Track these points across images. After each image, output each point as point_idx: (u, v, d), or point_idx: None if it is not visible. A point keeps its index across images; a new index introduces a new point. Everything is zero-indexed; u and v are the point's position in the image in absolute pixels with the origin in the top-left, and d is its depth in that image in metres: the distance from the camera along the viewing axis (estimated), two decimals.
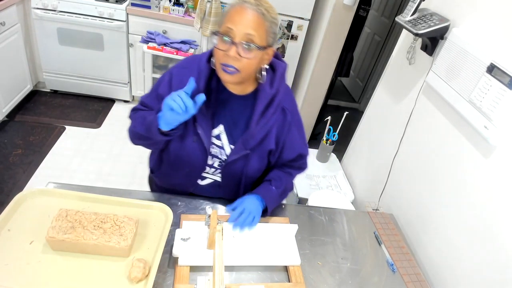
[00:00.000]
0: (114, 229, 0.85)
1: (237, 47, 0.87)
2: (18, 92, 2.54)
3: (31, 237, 0.85)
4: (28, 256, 0.81)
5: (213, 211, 0.88)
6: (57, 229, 0.82)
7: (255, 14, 0.86)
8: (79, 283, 0.78)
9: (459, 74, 1.08)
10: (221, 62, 0.89)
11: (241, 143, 1.01)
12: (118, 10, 2.45)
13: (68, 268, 0.81)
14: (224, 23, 0.88)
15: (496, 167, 0.95)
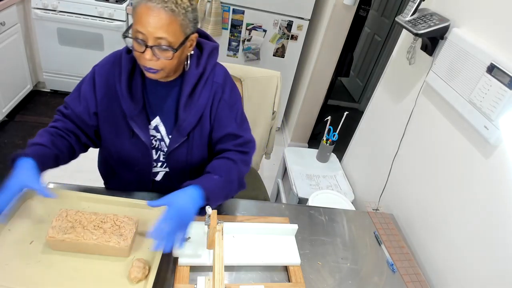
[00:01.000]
0: (114, 229, 0.85)
1: (152, 50, 0.82)
2: (18, 92, 2.54)
3: (31, 237, 0.85)
4: (28, 256, 0.81)
5: (213, 211, 0.88)
6: (57, 229, 0.82)
7: (163, 13, 0.79)
8: (79, 283, 0.78)
9: (459, 74, 1.08)
10: (141, 63, 0.87)
11: (176, 131, 0.97)
12: (118, 10, 2.45)
13: (68, 268, 0.81)
14: (134, 24, 0.82)
15: (496, 167, 0.95)
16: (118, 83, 0.94)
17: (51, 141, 0.94)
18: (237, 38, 2.54)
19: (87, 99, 0.97)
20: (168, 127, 1.00)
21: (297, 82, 2.84)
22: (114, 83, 0.95)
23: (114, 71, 0.95)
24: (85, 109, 0.98)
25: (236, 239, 1.00)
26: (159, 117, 0.99)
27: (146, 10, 0.79)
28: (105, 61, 0.99)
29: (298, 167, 1.80)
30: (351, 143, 1.87)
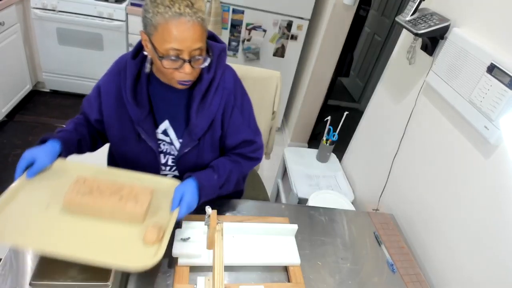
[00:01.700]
0: (130, 196, 0.86)
1: (190, 63, 0.83)
2: (18, 92, 2.54)
3: (48, 201, 0.86)
4: (44, 220, 0.82)
5: (213, 211, 0.88)
6: (75, 192, 0.83)
7: (197, 25, 0.80)
8: (94, 246, 0.79)
9: (459, 74, 1.08)
10: (176, 79, 0.86)
11: (187, 135, 0.98)
12: (117, 10, 2.45)
13: (84, 231, 0.81)
14: (165, 43, 0.79)
15: (496, 167, 0.95)
16: (124, 89, 0.94)
17: (74, 128, 1.01)
18: (237, 38, 2.54)
19: (92, 106, 1.02)
20: (178, 131, 1.00)
21: (297, 82, 2.84)
22: (119, 90, 0.96)
23: (120, 78, 0.96)
24: (91, 115, 1.03)
25: (236, 239, 1.00)
26: (168, 121, 0.99)
27: (179, 25, 0.78)
28: (110, 70, 1.02)
29: (298, 167, 1.80)
30: (351, 143, 1.87)
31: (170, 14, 0.77)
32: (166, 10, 0.77)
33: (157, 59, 0.84)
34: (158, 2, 0.79)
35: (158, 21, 0.79)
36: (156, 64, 0.89)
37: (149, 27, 0.81)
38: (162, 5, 0.78)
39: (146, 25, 0.83)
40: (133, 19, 2.50)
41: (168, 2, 0.78)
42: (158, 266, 0.91)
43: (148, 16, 0.80)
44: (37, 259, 0.83)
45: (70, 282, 0.79)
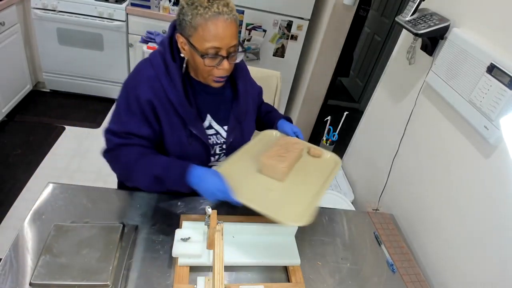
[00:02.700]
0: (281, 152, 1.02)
1: (228, 59, 0.87)
2: (18, 92, 2.54)
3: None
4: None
5: (213, 211, 0.88)
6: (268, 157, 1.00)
7: (233, 22, 0.84)
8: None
9: (459, 74, 1.08)
10: (214, 75, 0.91)
11: (234, 120, 1.05)
12: (117, 10, 2.45)
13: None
14: (205, 42, 0.83)
15: (496, 167, 0.95)
16: (173, 94, 0.92)
17: (156, 154, 0.98)
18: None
19: (150, 120, 0.95)
20: (221, 121, 1.05)
21: (297, 82, 2.84)
22: (165, 93, 0.92)
23: (160, 83, 0.92)
24: (152, 131, 0.97)
25: (236, 239, 1.00)
26: (209, 115, 1.03)
27: (218, 23, 0.82)
28: (142, 77, 0.93)
29: None
30: (351, 143, 1.87)
31: (210, 14, 0.82)
32: (206, 11, 0.82)
33: (196, 59, 0.88)
34: (197, 4, 0.83)
35: (198, 22, 0.83)
36: (195, 64, 0.91)
37: (188, 29, 0.85)
38: (201, 6, 0.82)
39: (184, 27, 0.86)
40: (133, 19, 2.50)
41: (206, 3, 0.82)
42: (158, 266, 0.91)
43: (187, 18, 0.84)
44: (37, 259, 0.83)
45: (70, 282, 0.80)
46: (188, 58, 0.93)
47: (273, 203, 0.91)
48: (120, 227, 0.94)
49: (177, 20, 0.89)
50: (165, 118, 0.96)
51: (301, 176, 1.03)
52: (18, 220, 1.80)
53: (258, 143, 1.13)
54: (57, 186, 1.07)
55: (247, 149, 1.07)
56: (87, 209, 1.02)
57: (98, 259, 0.85)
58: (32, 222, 0.96)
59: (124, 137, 0.93)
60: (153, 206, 1.09)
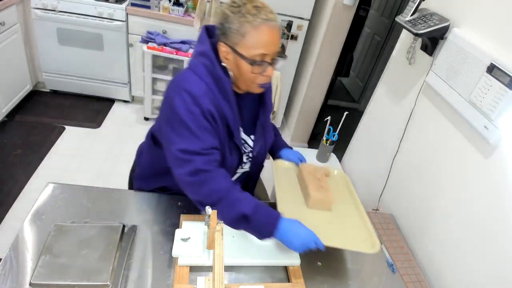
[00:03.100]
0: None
1: (272, 65, 0.88)
2: (18, 92, 2.54)
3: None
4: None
5: (213, 211, 0.88)
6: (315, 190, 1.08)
7: (278, 29, 0.86)
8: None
9: (459, 74, 1.08)
10: (258, 83, 0.91)
11: (261, 129, 1.06)
12: (117, 10, 2.45)
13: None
14: (253, 49, 0.84)
15: (496, 167, 0.95)
16: (226, 107, 0.91)
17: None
18: None
19: (216, 130, 0.93)
20: (248, 130, 1.05)
21: (297, 82, 2.84)
22: (220, 107, 0.91)
23: (214, 96, 0.90)
24: (218, 141, 0.94)
25: (236, 239, 1.00)
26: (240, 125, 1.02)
27: (268, 30, 0.84)
28: (198, 91, 0.88)
29: None
30: (351, 143, 1.87)
31: (259, 21, 0.82)
32: (254, 18, 0.82)
33: (242, 66, 0.87)
34: (243, 12, 0.83)
35: (246, 29, 0.83)
36: (238, 72, 0.90)
37: (235, 37, 0.85)
38: (249, 14, 0.83)
39: (229, 36, 0.85)
40: (133, 19, 2.50)
41: (254, 11, 0.83)
42: (158, 266, 0.91)
43: (233, 27, 0.84)
44: (37, 259, 0.83)
45: (70, 282, 0.80)
46: (231, 67, 0.91)
47: (342, 236, 1.01)
48: (120, 227, 0.94)
49: (220, 30, 0.88)
50: (218, 129, 0.94)
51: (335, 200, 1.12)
52: (18, 220, 1.80)
53: (281, 178, 1.19)
54: (57, 186, 1.07)
55: (279, 188, 1.11)
56: (87, 209, 1.02)
57: (98, 259, 0.85)
58: (32, 222, 0.96)
59: (207, 154, 0.89)
60: (153, 206, 1.09)
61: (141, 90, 2.81)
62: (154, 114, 2.79)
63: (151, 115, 2.77)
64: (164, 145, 0.95)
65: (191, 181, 0.88)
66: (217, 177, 0.89)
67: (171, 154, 0.89)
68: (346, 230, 1.03)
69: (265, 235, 0.90)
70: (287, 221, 0.90)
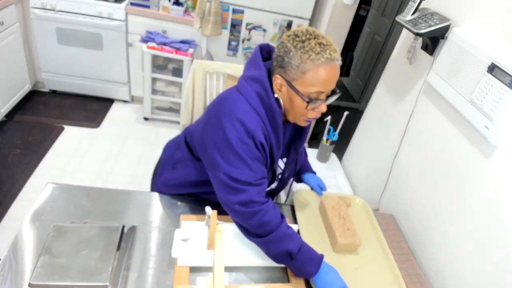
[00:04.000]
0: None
1: (326, 102, 0.88)
2: (17, 92, 2.53)
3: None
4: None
5: (213, 212, 0.87)
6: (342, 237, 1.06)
7: (338, 68, 0.84)
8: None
9: (459, 74, 1.08)
10: (308, 117, 0.90)
11: (294, 153, 1.05)
12: (117, 9, 2.45)
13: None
14: (312, 87, 0.83)
15: (497, 167, 0.95)
16: (273, 137, 0.92)
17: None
18: (237, 38, 2.53)
19: (265, 160, 0.94)
20: (281, 153, 1.03)
21: None
22: (269, 136, 0.91)
23: (266, 126, 0.90)
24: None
25: (236, 240, 0.99)
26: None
27: (330, 70, 0.82)
28: (252, 122, 0.87)
29: None
30: (351, 143, 1.87)
31: (323, 60, 0.80)
32: (319, 57, 0.80)
33: (296, 101, 0.86)
34: (307, 49, 0.81)
35: (308, 67, 0.81)
36: (291, 105, 0.89)
37: (295, 73, 0.83)
38: (313, 52, 0.80)
39: (288, 70, 0.83)
40: (133, 19, 2.50)
41: (319, 49, 0.81)
42: (158, 266, 0.91)
43: (294, 62, 0.82)
44: (36, 259, 0.83)
45: (69, 283, 0.79)
46: (283, 100, 0.90)
47: (370, 283, 1.00)
48: (119, 227, 0.94)
49: (278, 62, 0.85)
50: (265, 158, 0.94)
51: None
52: (17, 221, 1.80)
53: (303, 215, 1.17)
54: (56, 187, 1.07)
55: (302, 227, 1.10)
56: (87, 209, 1.02)
57: (97, 259, 0.85)
58: (31, 222, 0.95)
59: (259, 184, 0.89)
60: (153, 206, 1.08)
61: (141, 89, 2.81)
62: (154, 114, 2.78)
63: (151, 115, 2.77)
64: (208, 167, 0.93)
65: (242, 211, 0.87)
66: (269, 210, 0.88)
67: (220, 180, 0.87)
68: (373, 275, 1.02)
69: (306, 274, 0.90)
70: (328, 267, 0.91)
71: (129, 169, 2.30)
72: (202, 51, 2.57)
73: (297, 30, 0.84)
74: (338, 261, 1.01)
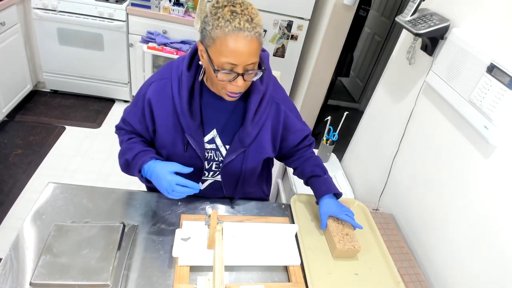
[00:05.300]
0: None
1: (243, 76, 0.83)
2: (18, 92, 2.54)
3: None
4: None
5: (213, 211, 0.88)
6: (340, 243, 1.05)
7: (255, 40, 0.79)
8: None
9: (459, 74, 1.08)
10: (227, 90, 0.87)
11: (238, 142, 1.00)
12: (118, 10, 2.45)
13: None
14: (222, 57, 0.80)
15: (496, 167, 0.95)
16: (177, 101, 0.93)
17: (144, 145, 1.05)
18: None
19: (145, 119, 1.00)
20: (225, 138, 1.02)
21: (297, 82, 2.84)
22: (171, 99, 0.94)
23: (170, 88, 0.94)
24: (144, 128, 1.03)
25: (236, 239, 1.00)
26: (216, 130, 1.01)
27: (238, 41, 0.78)
28: (160, 76, 0.98)
29: None
30: (351, 143, 1.87)
31: (230, 28, 0.77)
32: (226, 25, 0.77)
33: (211, 71, 0.84)
34: (219, 15, 0.78)
35: (217, 35, 0.79)
36: (209, 75, 0.89)
37: (208, 39, 0.81)
38: (223, 18, 0.78)
39: (204, 36, 0.83)
40: (133, 19, 2.51)
41: (229, 16, 0.78)
42: (158, 266, 0.92)
43: (208, 28, 0.81)
44: (37, 258, 0.83)
45: (70, 282, 0.80)
46: (205, 67, 0.90)
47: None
48: (120, 227, 0.94)
49: (201, 28, 0.85)
50: (163, 120, 0.97)
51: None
52: (18, 220, 1.80)
53: (301, 218, 1.16)
54: (57, 186, 1.07)
55: (302, 234, 1.09)
56: (87, 209, 1.03)
57: (98, 259, 0.85)
58: (33, 222, 0.96)
59: (124, 124, 1.06)
60: (153, 206, 1.09)
61: None
62: None
63: None
64: None
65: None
66: (121, 135, 1.07)
67: None
68: (373, 281, 1.01)
69: (142, 180, 1.01)
70: (154, 163, 0.96)
71: None
72: None
73: None
74: (337, 267, 1.01)
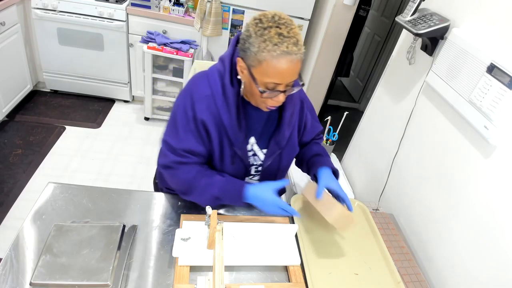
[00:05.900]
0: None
1: (285, 93, 0.87)
2: (18, 92, 2.54)
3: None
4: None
5: (213, 211, 0.88)
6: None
7: (298, 61, 0.82)
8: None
9: (459, 74, 1.08)
10: (267, 105, 0.90)
11: (275, 145, 1.04)
12: (118, 10, 2.45)
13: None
14: (267, 78, 0.82)
15: (496, 167, 0.95)
16: (226, 116, 0.93)
17: (213, 172, 1.02)
18: None
19: (203, 140, 0.97)
20: (261, 143, 1.05)
21: None
22: (218, 114, 0.93)
23: (215, 103, 0.92)
24: (206, 150, 0.99)
25: (236, 239, 1.00)
26: (254, 137, 1.03)
27: (285, 64, 0.79)
28: (199, 95, 0.93)
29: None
30: (351, 143, 1.87)
31: (279, 52, 0.78)
32: (275, 49, 0.78)
33: (254, 87, 0.86)
34: (266, 38, 0.78)
35: (264, 58, 0.79)
36: (249, 89, 0.90)
37: (252, 60, 0.82)
38: (271, 42, 0.78)
39: (248, 56, 0.83)
40: (133, 19, 2.51)
41: (276, 40, 0.78)
42: (158, 266, 0.92)
43: (253, 50, 0.80)
44: (37, 259, 0.83)
45: (70, 282, 0.80)
46: (245, 82, 0.91)
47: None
48: (120, 227, 0.94)
49: (241, 45, 0.85)
50: (216, 137, 0.96)
51: (358, 242, 1.12)
52: (18, 220, 1.80)
53: (300, 219, 1.16)
54: (57, 186, 1.07)
55: (302, 234, 1.10)
56: (87, 209, 1.03)
57: (98, 259, 0.85)
58: (33, 222, 0.96)
59: (181, 155, 0.96)
60: (153, 206, 1.09)
61: (142, 90, 2.82)
62: (155, 114, 2.79)
63: (152, 115, 2.78)
64: None
65: (164, 173, 1.01)
66: (185, 170, 0.97)
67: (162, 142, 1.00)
68: (373, 281, 1.01)
69: (241, 203, 0.98)
70: (254, 189, 0.97)
71: (130, 169, 2.30)
72: (202, 52, 2.57)
73: (263, 15, 0.83)
74: (337, 267, 1.01)
